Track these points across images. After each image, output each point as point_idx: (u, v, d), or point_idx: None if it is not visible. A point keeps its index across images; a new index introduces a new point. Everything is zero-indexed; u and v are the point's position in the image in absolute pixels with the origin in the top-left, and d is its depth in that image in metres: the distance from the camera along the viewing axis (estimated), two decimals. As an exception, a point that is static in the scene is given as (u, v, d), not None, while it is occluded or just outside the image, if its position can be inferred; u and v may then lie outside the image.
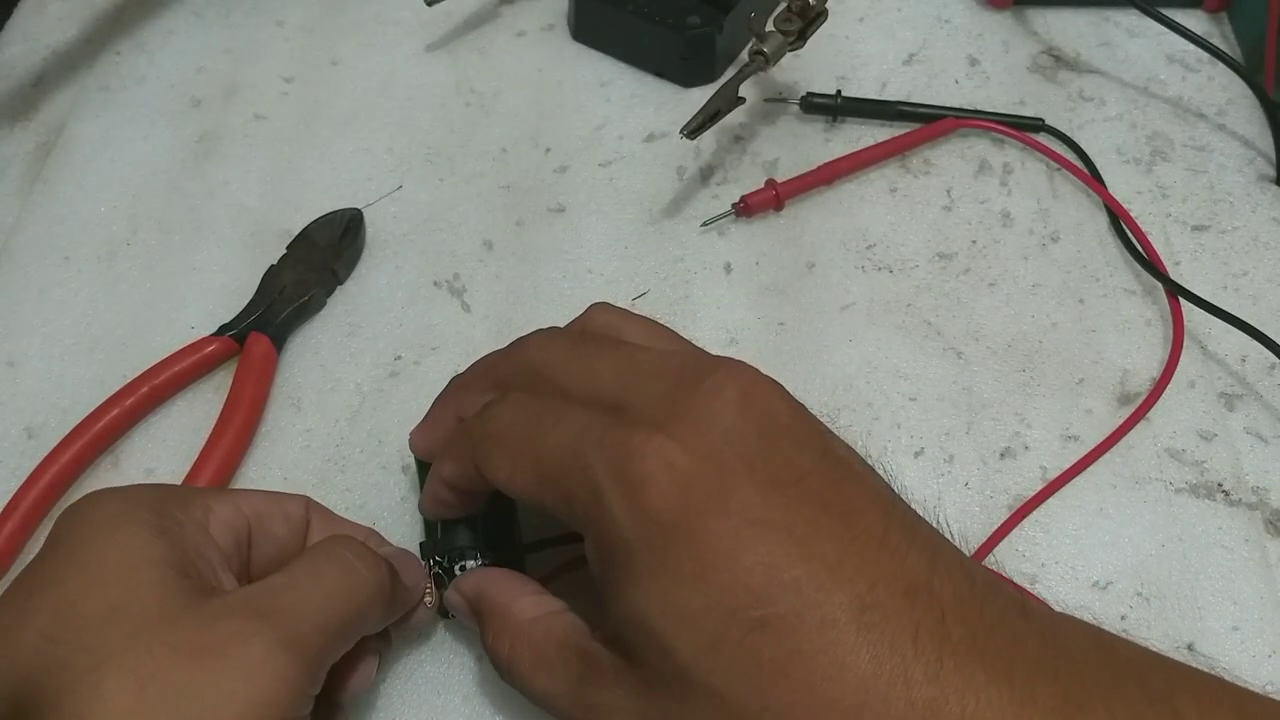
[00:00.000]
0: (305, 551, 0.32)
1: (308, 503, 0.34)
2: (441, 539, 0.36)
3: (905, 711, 0.24)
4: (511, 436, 0.31)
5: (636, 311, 0.35)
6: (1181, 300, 0.44)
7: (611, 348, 0.32)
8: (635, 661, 0.27)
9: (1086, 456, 0.41)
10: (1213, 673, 0.27)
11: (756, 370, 0.29)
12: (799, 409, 0.29)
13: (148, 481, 0.40)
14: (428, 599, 0.35)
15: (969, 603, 0.26)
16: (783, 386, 0.30)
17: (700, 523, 0.26)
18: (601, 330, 0.34)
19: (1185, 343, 0.43)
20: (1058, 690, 0.25)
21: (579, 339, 0.33)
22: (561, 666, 0.30)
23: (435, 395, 0.42)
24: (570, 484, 0.28)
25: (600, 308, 0.35)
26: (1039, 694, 0.25)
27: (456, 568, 0.35)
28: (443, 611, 0.36)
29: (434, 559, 0.35)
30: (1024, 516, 0.39)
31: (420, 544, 0.36)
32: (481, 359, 0.36)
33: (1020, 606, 0.27)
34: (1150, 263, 0.45)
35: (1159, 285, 0.45)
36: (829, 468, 0.28)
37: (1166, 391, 0.42)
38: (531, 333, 0.35)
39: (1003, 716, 0.24)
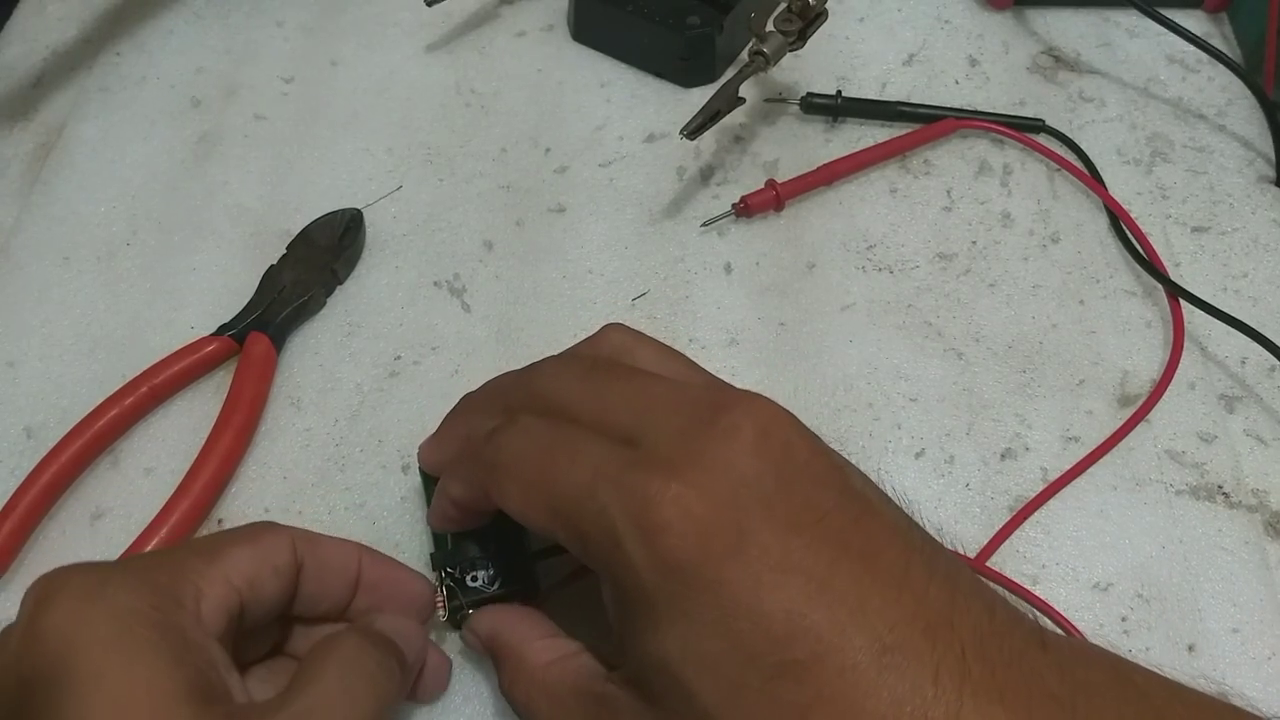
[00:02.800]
0: (331, 663, 0.30)
1: (359, 553, 0.34)
2: (452, 550, 0.36)
3: None
4: (523, 468, 0.30)
5: (648, 335, 0.34)
6: (1182, 302, 0.44)
7: (625, 378, 0.31)
8: (654, 703, 0.27)
9: (1087, 458, 0.41)
10: (1232, 703, 0.27)
11: (774, 405, 0.29)
12: (816, 444, 0.29)
13: (146, 481, 0.40)
14: (440, 612, 0.35)
15: (989, 638, 0.26)
16: (798, 420, 0.29)
17: (720, 570, 0.26)
18: (614, 354, 0.33)
19: (1185, 344, 0.43)
20: None
21: (592, 368, 0.33)
22: (578, 711, 0.30)
23: (435, 395, 0.42)
24: (585, 525, 0.28)
25: (614, 329, 0.34)
26: None
27: (468, 578, 0.35)
28: (454, 622, 0.36)
29: (445, 570, 0.35)
30: (1025, 518, 0.39)
31: (431, 555, 0.36)
32: (494, 379, 0.36)
33: (1039, 639, 0.27)
34: (1150, 264, 0.45)
35: (1159, 287, 0.45)
36: (848, 505, 0.28)
37: (1167, 393, 0.42)
38: (545, 359, 0.34)
39: None
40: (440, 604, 0.35)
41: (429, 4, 0.53)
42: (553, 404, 0.32)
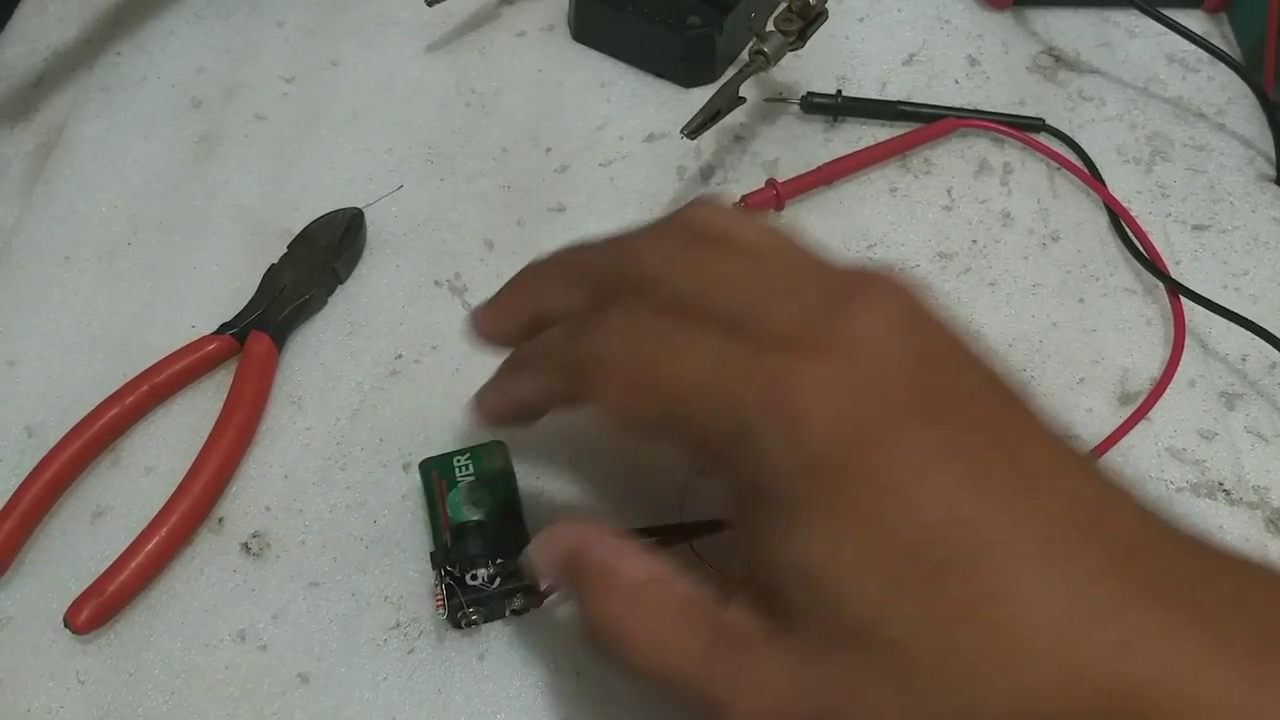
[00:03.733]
0: None
1: None
2: (452, 548, 0.36)
3: (1095, 654, 0.22)
4: (629, 362, 0.27)
5: (746, 213, 0.31)
6: (1182, 299, 0.44)
7: (736, 255, 0.28)
8: (790, 622, 0.25)
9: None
10: None
11: (909, 286, 0.27)
12: (956, 330, 0.27)
13: (147, 479, 0.40)
14: (440, 610, 0.35)
15: (1148, 540, 0.24)
16: (936, 302, 0.27)
17: (871, 458, 0.24)
18: (711, 231, 0.30)
19: (1186, 341, 0.43)
20: (1250, 632, 0.23)
21: (697, 242, 0.29)
22: (686, 637, 0.26)
23: (436, 394, 0.42)
24: (710, 421, 0.25)
25: (704, 203, 0.30)
26: (1232, 636, 0.22)
27: (467, 577, 0.35)
28: (454, 621, 0.36)
29: (445, 568, 0.35)
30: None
31: (430, 553, 0.36)
32: (570, 247, 0.32)
33: (1198, 543, 0.25)
34: (1151, 262, 0.45)
35: (1159, 285, 0.45)
36: (993, 393, 0.26)
37: (1167, 391, 0.42)
38: (633, 229, 0.30)
39: (1196, 663, 0.22)
40: (440, 603, 0.35)
41: (429, 4, 0.53)
42: (651, 280, 0.28)
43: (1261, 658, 0.22)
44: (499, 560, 0.35)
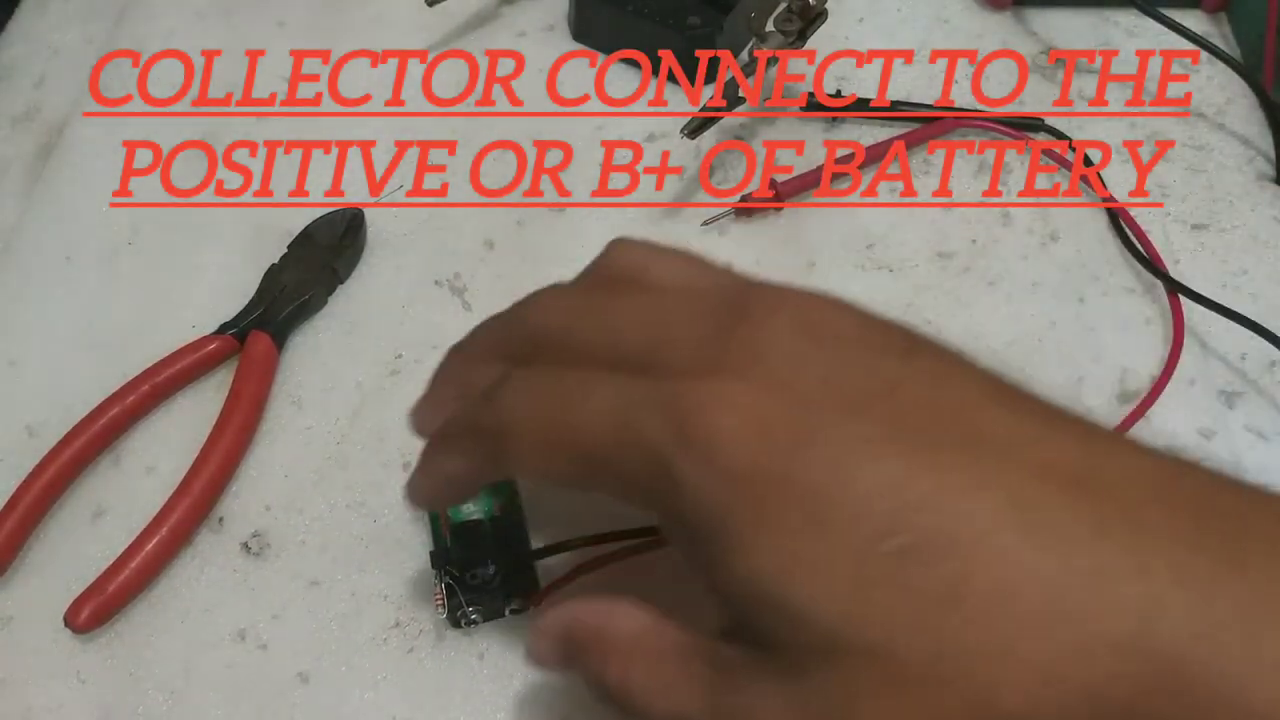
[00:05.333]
0: None
1: None
2: (452, 547, 0.36)
3: (1114, 616, 0.20)
4: (535, 424, 0.26)
5: (664, 245, 0.30)
6: (1181, 298, 0.44)
7: (630, 296, 0.27)
8: (767, 647, 0.23)
9: None
10: None
11: (805, 290, 0.25)
12: (867, 317, 0.25)
13: (148, 479, 0.40)
14: (439, 610, 0.35)
15: (1156, 480, 0.22)
16: (839, 298, 0.25)
17: (793, 461, 0.22)
18: (624, 273, 0.29)
19: (1186, 340, 0.43)
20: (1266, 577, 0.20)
21: (591, 291, 0.29)
22: (687, 680, 0.25)
23: (436, 394, 0.42)
24: (624, 462, 0.24)
25: (620, 244, 0.30)
26: (1273, 586, 0.20)
27: (467, 576, 0.35)
28: (454, 621, 0.36)
29: (445, 568, 0.35)
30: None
31: (430, 553, 0.36)
32: (482, 323, 0.32)
33: (1223, 479, 0.22)
34: (1150, 261, 0.45)
35: (1158, 284, 0.45)
36: (922, 368, 0.24)
37: (1167, 389, 0.42)
38: (538, 290, 0.30)
39: (1237, 615, 0.20)
40: (440, 602, 0.35)
41: (429, 4, 0.53)
42: (553, 342, 0.28)
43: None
44: (499, 559, 0.35)
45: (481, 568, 0.35)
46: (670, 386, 0.24)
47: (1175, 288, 0.44)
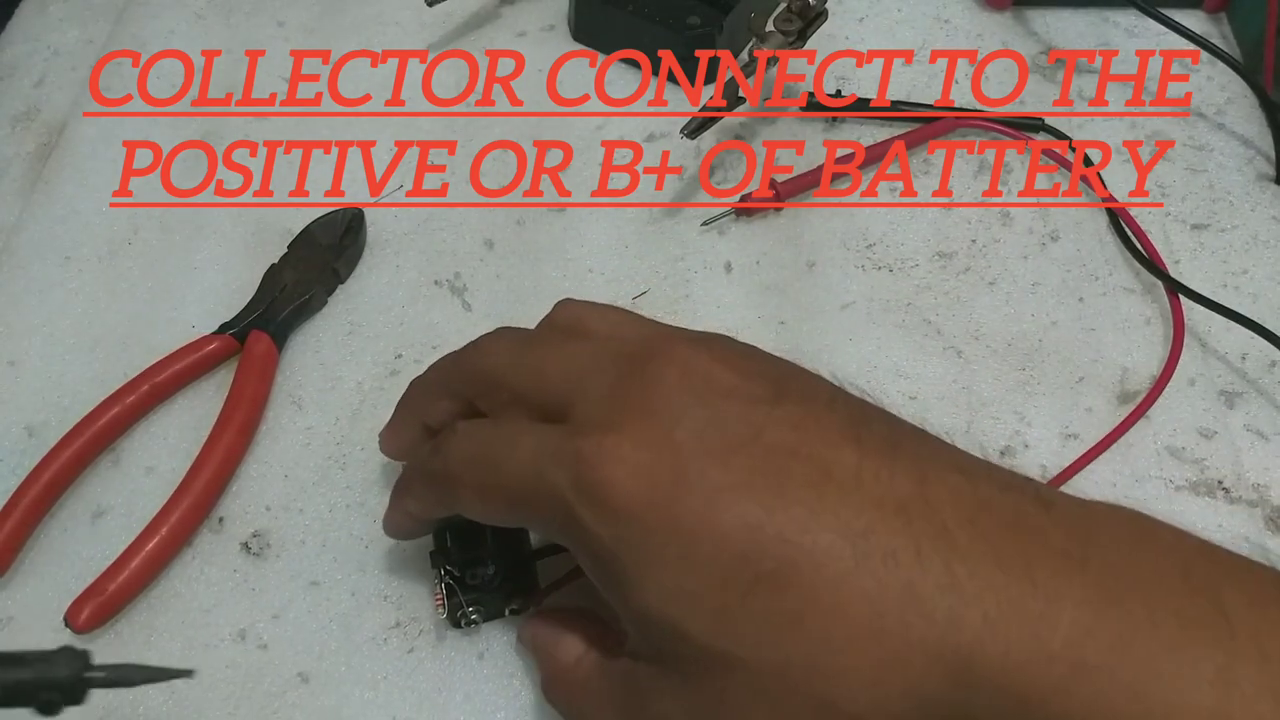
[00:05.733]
0: None
1: None
2: (452, 547, 0.35)
3: (926, 629, 0.24)
4: (473, 473, 0.31)
5: (604, 304, 0.34)
6: (1181, 298, 0.44)
7: (559, 345, 0.32)
8: (662, 661, 0.28)
9: (1086, 454, 0.41)
10: (1266, 564, 0.26)
11: (696, 341, 0.30)
12: (742, 364, 0.29)
13: (147, 479, 0.40)
14: (439, 610, 0.35)
15: (974, 507, 0.26)
16: (726, 346, 0.30)
17: (669, 506, 0.26)
18: (564, 325, 0.34)
19: (1187, 340, 0.43)
20: (1088, 582, 0.24)
21: (530, 340, 0.33)
22: (608, 699, 0.30)
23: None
24: (541, 508, 0.29)
25: (565, 304, 0.35)
26: (1065, 589, 0.24)
27: (467, 576, 0.35)
28: (454, 621, 0.36)
29: (444, 568, 0.35)
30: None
31: (430, 553, 0.36)
32: (439, 361, 0.36)
33: (1040, 500, 0.26)
34: (1150, 260, 0.45)
35: (1158, 284, 0.45)
36: (785, 415, 0.28)
37: (1167, 389, 0.42)
38: (486, 334, 0.35)
39: (1026, 616, 0.24)
40: (440, 602, 0.35)
41: (429, 4, 0.53)
42: (493, 382, 0.32)
43: (1098, 607, 0.24)
44: (499, 560, 0.35)
45: (481, 567, 0.35)
46: (573, 442, 0.28)
47: (1175, 288, 0.44)
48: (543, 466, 0.28)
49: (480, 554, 0.35)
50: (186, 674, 0.30)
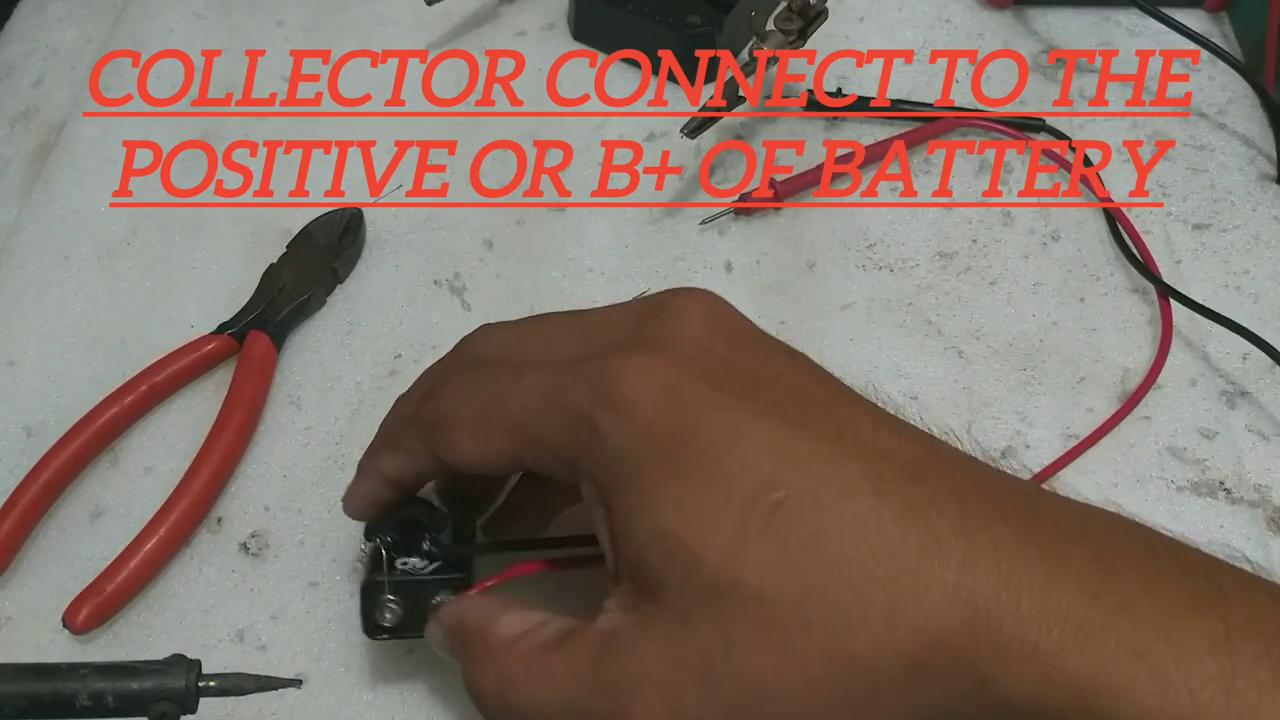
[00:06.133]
0: None
1: None
2: (391, 539, 0.32)
3: (942, 570, 0.24)
4: (472, 409, 0.30)
5: None
6: (1172, 301, 0.44)
7: (565, 317, 0.32)
8: (657, 598, 0.26)
9: (1070, 451, 0.40)
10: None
11: (711, 292, 0.30)
12: (757, 327, 0.30)
13: (146, 479, 0.40)
14: (358, 569, 0.33)
15: (978, 478, 0.26)
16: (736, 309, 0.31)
17: (697, 421, 0.26)
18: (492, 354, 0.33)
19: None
20: (1088, 552, 0.25)
21: (531, 318, 0.33)
22: (565, 664, 0.27)
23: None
24: (553, 427, 0.28)
25: (482, 329, 0.34)
26: (1069, 554, 0.24)
27: (399, 562, 0.32)
28: (370, 621, 0.32)
29: (383, 537, 0.32)
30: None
31: (366, 526, 0.33)
32: (396, 401, 0.34)
33: (1034, 486, 0.28)
34: (1143, 264, 0.45)
35: (1160, 284, 0.45)
36: (800, 367, 0.29)
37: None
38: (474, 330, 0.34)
39: (1036, 574, 0.24)
40: (360, 562, 0.33)
41: (429, 3, 0.53)
42: (492, 354, 0.32)
43: (1098, 575, 0.24)
44: (435, 555, 0.32)
45: (417, 556, 0.32)
46: (595, 361, 0.28)
47: (1166, 291, 0.44)
48: (558, 385, 0.28)
49: (419, 544, 0.32)
50: (295, 683, 0.31)
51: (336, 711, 0.35)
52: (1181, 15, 0.51)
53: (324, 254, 0.45)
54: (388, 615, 0.32)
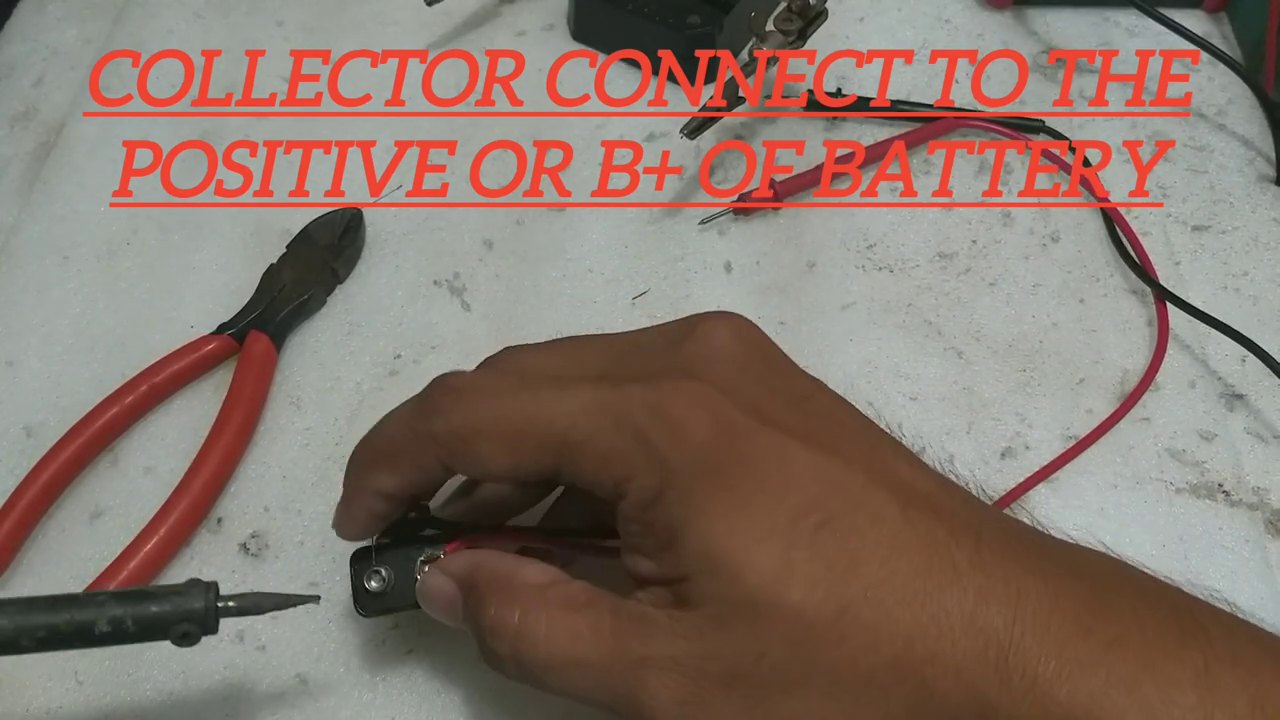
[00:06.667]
0: None
1: None
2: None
3: (960, 600, 0.25)
4: (506, 420, 0.29)
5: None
6: (1168, 304, 0.44)
7: (588, 339, 0.33)
8: (696, 604, 0.27)
9: (1069, 452, 0.41)
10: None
11: (733, 314, 0.31)
12: (778, 346, 0.32)
13: (146, 480, 0.40)
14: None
15: (985, 515, 0.28)
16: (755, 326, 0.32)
17: (745, 443, 0.27)
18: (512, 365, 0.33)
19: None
20: (1084, 589, 0.26)
21: (559, 339, 0.34)
22: (590, 628, 0.28)
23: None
24: (603, 440, 0.28)
25: (508, 349, 0.33)
26: (1069, 591, 0.26)
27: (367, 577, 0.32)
28: (360, 603, 0.32)
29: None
30: (1012, 500, 0.40)
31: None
32: (386, 419, 0.32)
33: (1029, 526, 0.29)
34: (1140, 266, 0.45)
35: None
36: (823, 388, 0.31)
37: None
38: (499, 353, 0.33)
39: (1040, 608, 0.25)
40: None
41: (429, 4, 0.53)
42: (527, 370, 0.31)
43: (1096, 609, 0.26)
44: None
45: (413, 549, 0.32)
46: (644, 384, 0.28)
47: (1163, 294, 0.44)
48: (610, 403, 0.28)
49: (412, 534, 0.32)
50: (313, 599, 0.31)
51: (335, 712, 0.35)
52: (1181, 16, 0.51)
53: (324, 254, 0.45)
54: (374, 583, 0.32)
